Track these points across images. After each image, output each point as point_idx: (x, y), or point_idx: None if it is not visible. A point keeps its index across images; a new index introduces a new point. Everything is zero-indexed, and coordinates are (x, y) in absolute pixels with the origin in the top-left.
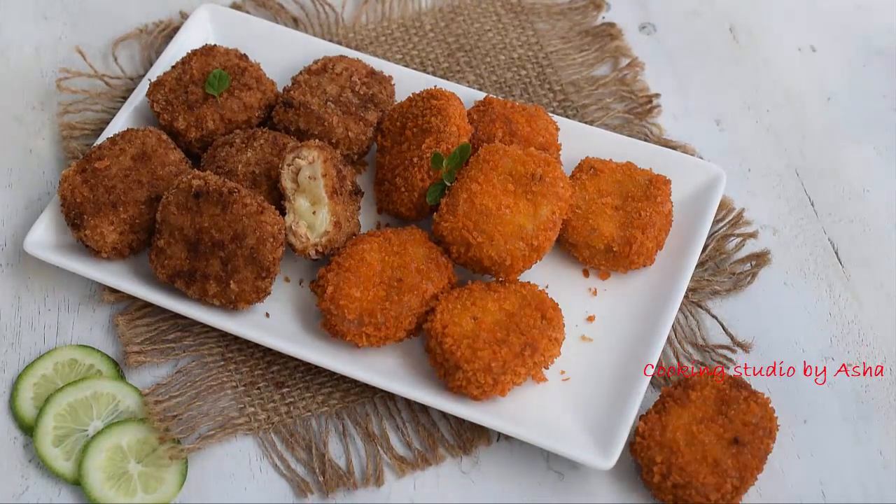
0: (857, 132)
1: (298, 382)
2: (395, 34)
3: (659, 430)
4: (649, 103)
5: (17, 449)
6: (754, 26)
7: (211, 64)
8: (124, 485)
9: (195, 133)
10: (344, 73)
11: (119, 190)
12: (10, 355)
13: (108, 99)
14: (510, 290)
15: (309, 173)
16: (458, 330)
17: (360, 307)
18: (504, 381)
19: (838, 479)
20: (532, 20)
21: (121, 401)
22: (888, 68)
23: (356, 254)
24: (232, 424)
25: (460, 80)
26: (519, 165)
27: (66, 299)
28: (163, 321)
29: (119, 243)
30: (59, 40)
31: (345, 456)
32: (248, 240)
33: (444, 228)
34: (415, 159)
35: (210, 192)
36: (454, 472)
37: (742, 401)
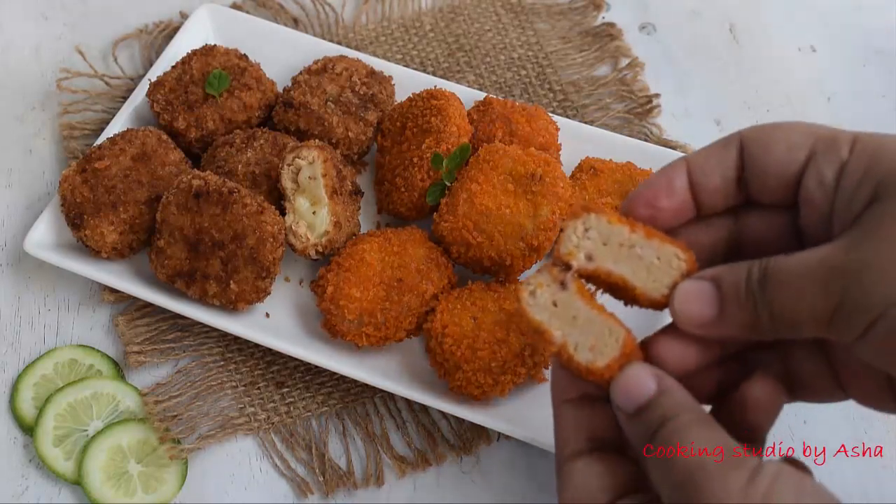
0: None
1: (298, 382)
2: (395, 34)
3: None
4: (649, 103)
5: (17, 449)
6: (754, 26)
7: (211, 64)
8: (124, 485)
9: (195, 133)
10: (344, 73)
11: (119, 190)
12: (10, 355)
13: (108, 99)
14: (510, 290)
15: (309, 173)
16: (458, 330)
17: (360, 307)
18: (504, 381)
19: (838, 478)
20: (532, 20)
21: (121, 401)
22: (888, 68)
23: (356, 254)
24: (232, 424)
25: (460, 80)
26: (519, 165)
27: (66, 299)
28: (163, 321)
29: (119, 243)
30: (59, 40)
31: (345, 456)
32: (248, 240)
33: (444, 228)
34: (415, 159)
35: (210, 192)
36: (454, 472)
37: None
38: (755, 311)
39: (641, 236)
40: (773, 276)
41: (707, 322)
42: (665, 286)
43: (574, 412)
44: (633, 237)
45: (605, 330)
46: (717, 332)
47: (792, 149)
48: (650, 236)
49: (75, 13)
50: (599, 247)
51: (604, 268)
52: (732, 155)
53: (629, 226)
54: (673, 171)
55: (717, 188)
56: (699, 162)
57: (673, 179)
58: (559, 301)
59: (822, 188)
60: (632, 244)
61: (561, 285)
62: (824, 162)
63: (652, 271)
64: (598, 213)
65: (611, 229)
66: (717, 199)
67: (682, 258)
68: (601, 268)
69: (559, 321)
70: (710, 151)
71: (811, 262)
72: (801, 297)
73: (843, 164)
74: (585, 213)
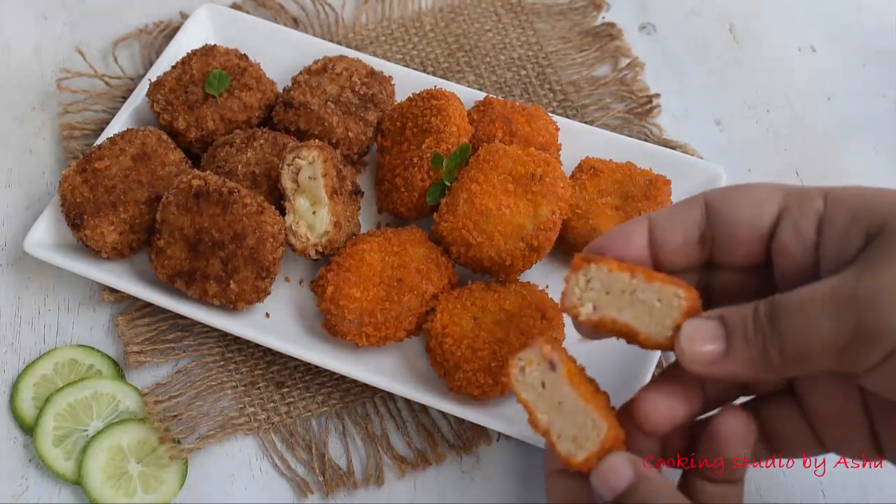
0: (857, 132)
1: (298, 382)
2: (395, 34)
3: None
4: (649, 103)
5: (17, 449)
6: (754, 26)
7: (211, 64)
8: (124, 485)
9: (195, 133)
10: (344, 73)
11: (119, 190)
12: (10, 355)
13: (108, 99)
14: (510, 290)
15: (309, 173)
16: (458, 330)
17: (360, 307)
18: (504, 381)
19: (838, 478)
20: (532, 20)
21: (121, 401)
22: (888, 68)
23: (356, 254)
24: (232, 424)
25: (460, 80)
26: (519, 165)
27: (66, 299)
28: (163, 321)
29: (119, 243)
30: (59, 40)
31: (345, 456)
32: (248, 240)
33: (444, 228)
34: (415, 159)
35: (210, 192)
36: (454, 471)
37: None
38: (764, 347)
39: (642, 280)
40: (783, 308)
41: (714, 360)
42: (668, 328)
43: (563, 483)
44: (634, 282)
45: (589, 422)
46: (724, 370)
47: (761, 205)
48: (650, 279)
49: (75, 13)
50: (602, 296)
51: (608, 316)
52: (696, 214)
53: (629, 272)
54: (633, 228)
55: (679, 248)
56: (661, 220)
57: (631, 235)
58: (547, 382)
59: (801, 241)
60: (633, 290)
61: (550, 366)
62: (799, 214)
63: (654, 314)
64: (597, 264)
65: (612, 277)
66: (677, 258)
67: (682, 297)
68: (606, 317)
69: (545, 404)
70: (674, 210)
71: (822, 292)
72: (813, 326)
73: (821, 215)
74: (586, 265)
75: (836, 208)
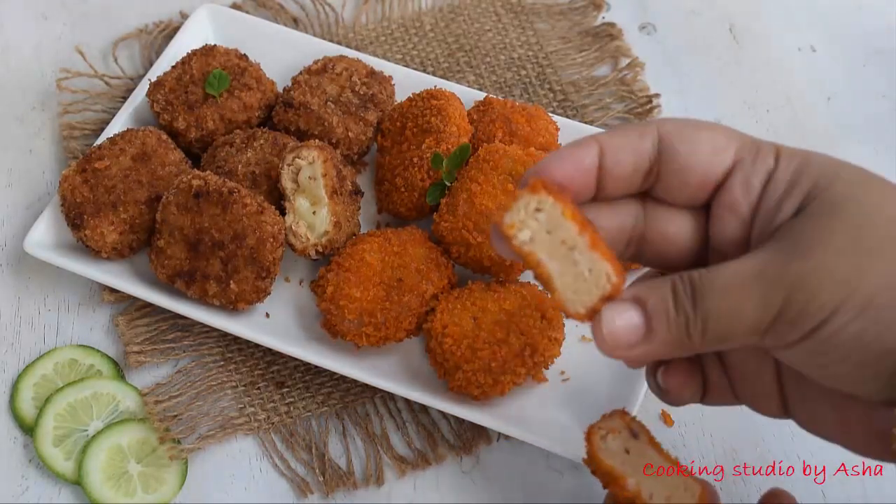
0: (857, 132)
1: (298, 382)
2: (395, 34)
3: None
4: (649, 103)
5: (17, 449)
6: (754, 26)
7: (211, 64)
8: (124, 485)
9: (195, 133)
10: (344, 73)
11: (119, 190)
12: (10, 355)
13: (108, 99)
14: (510, 290)
15: (309, 173)
16: (458, 330)
17: (360, 307)
18: (504, 381)
19: (839, 479)
20: (532, 20)
21: (121, 401)
22: (888, 68)
23: (356, 254)
24: (232, 424)
25: (460, 80)
26: (519, 165)
27: (66, 299)
28: (163, 321)
29: (119, 243)
30: (59, 40)
31: (345, 456)
32: (248, 240)
33: (444, 228)
34: (415, 159)
35: (210, 192)
36: (454, 472)
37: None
38: (686, 328)
39: (585, 242)
40: (706, 290)
41: (633, 344)
42: (583, 304)
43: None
44: (578, 239)
45: (681, 483)
46: (643, 353)
47: (718, 152)
48: (594, 246)
49: (75, 13)
50: (542, 233)
51: (536, 256)
52: (648, 145)
53: (579, 226)
54: (584, 149)
55: (625, 176)
56: (612, 146)
57: (583, 158)
58: (631, 449)
59: (748, 195)
60: (573, 246)
61: (632, 433)
62: (752, 171)
63: (578, 281)
64: (556, 200)
65: (561, 222)
66: (621, 186)
67: (611, 280)
68: (534, 254)
69: (632, 469)
70: (626, 137)
71: (746, 273)
72: (738, 308)
73: (771, 173)
74: (545, 194)
75: (783, 169)
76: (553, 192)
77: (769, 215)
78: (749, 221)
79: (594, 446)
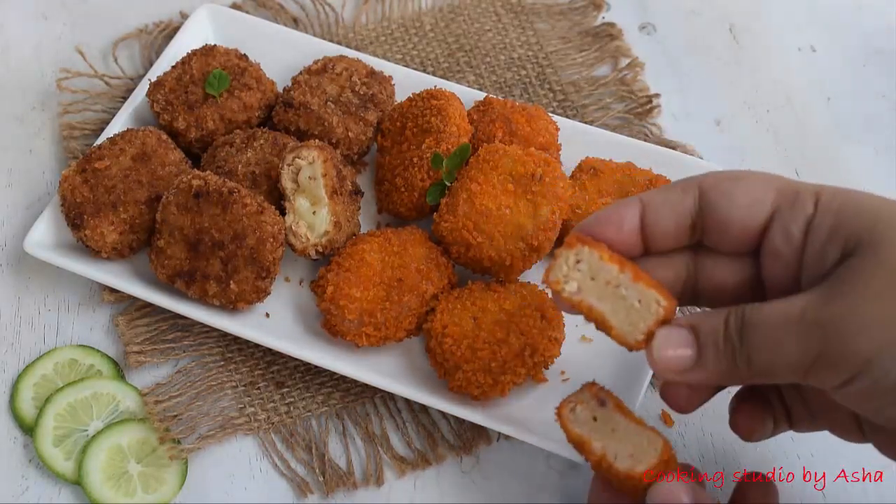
0: (857, 132)
1: (298, 382)
2: (395, 34)
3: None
4: (649, 103)
5: (17, 449)
6: (754, 26)
7: (211, 64)
8: (124, 485)
9: (195, 133)
10: (344, 73)
11: (119, 190)
12: (10, 355)
13: (108, 99)
14: (510, 290)
15: (309, 173)
16: (458, 330)
17: (360, 307)
18: (504, 381)
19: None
20: (532, 20)
21: (121, 401)
22: (888, 68)
23: (356, 254)
24: (232, 424)
25: (460, 80)
26: (519, 165)
27: (66, 299)
28: (163, 321)
29: (119, 243)
30: (59, 40)
31: (345, 456)
32: (248, 240)
33: (444, 228)
34: (415, 159)
35: (210, 192)
36: (454, 471)
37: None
38: (733, 358)
39: (629, 277)
40: (752, 325)
41: (684, 368)
42: (640, 332)
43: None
44: (621, 277)
45: (644, 440)
46: (694, 378)
47: (755, 203)
48: (637, 279)
49: (75, 13)
50: (587, 281)
51: (587, 302)
52: (689, 202)
53: (619, 265)
54: (626, 209)
55: (669, 233)
56: (655, 204)
57: (624, 217)
58: (599, 416)
59: (790, 244)
60: (618, 283)
61: (599, 402)
62: (790, 218)
63: (631, 313)
64: (591, 248)
65: (601, 266)
66: (667, 241)
67: (661, 305)
68: (584, 301)
69: (598, 434)
70: (668, 195)
71: (790, 313)
72: (779, 347)
73: (810, 220)
74: (580, 246)
75: (822, 215)
76: (588, 243)
77: (815, 260)
78: (796, 266)
79: (564, 418)
